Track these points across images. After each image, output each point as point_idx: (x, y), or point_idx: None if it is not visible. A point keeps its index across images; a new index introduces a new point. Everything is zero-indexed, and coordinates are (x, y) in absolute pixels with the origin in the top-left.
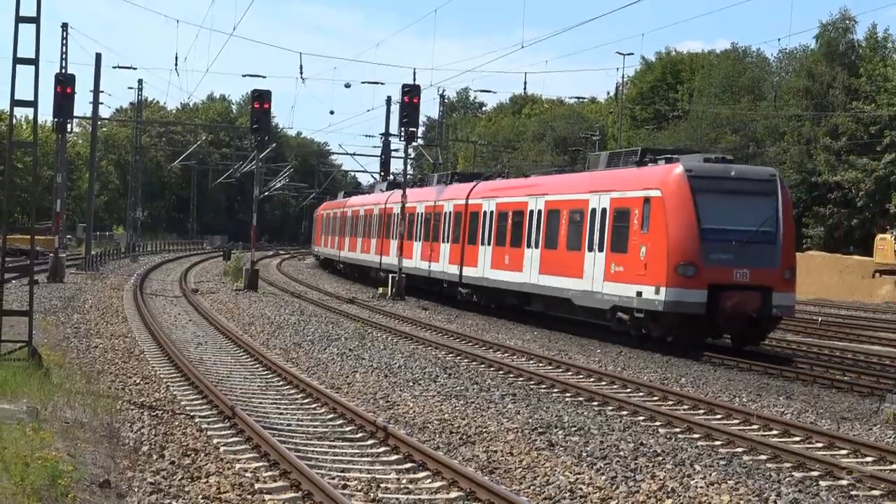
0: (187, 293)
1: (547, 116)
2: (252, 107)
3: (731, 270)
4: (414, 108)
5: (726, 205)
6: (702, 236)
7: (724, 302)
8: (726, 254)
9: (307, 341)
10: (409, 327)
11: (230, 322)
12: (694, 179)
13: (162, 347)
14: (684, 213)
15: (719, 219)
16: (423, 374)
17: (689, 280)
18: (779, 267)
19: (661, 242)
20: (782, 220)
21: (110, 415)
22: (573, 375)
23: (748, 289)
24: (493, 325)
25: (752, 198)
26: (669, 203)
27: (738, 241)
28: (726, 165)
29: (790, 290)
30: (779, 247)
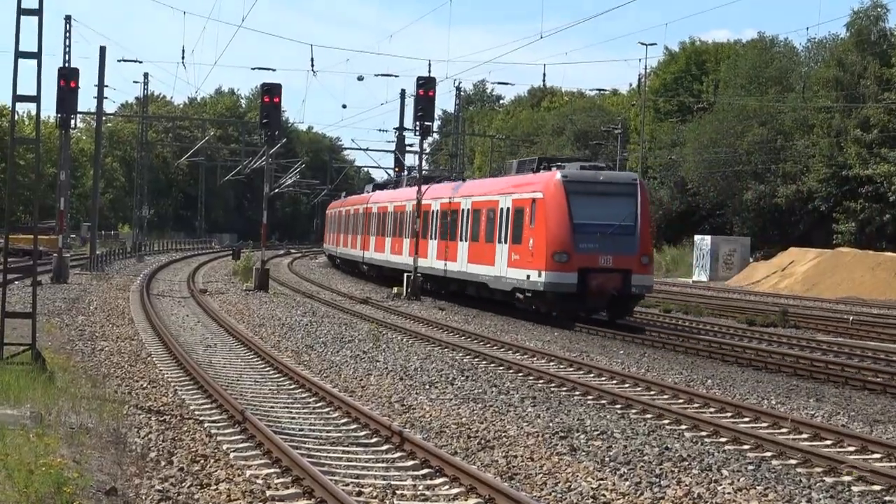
0: (195, 294)
1: (567, 109)
2: (262, 101)
3: (598, 257)
4: (429, 102)
5: (594, 204)
6: (573, 229)
7: (591, 282)
8: (593, 243)
9: (320, 343)
10: (424, 328)
11: (240, 324)
12: (568, 184)
13: (169, 350)
14: (560, 211)
15: (588, 215)
16: (440, 377)
17: (563, 265)
18: (637, 254)
19: (542, 235)
20: (640, 216)
21: (117, 420)
22: (595, 377)
23: (611, 271)
24: (511, 325)
25: (615, 198)
26: (549, 203)
27: (603, 233)
28: (596, 172)
29: (648, 273)
30: (637, 237)
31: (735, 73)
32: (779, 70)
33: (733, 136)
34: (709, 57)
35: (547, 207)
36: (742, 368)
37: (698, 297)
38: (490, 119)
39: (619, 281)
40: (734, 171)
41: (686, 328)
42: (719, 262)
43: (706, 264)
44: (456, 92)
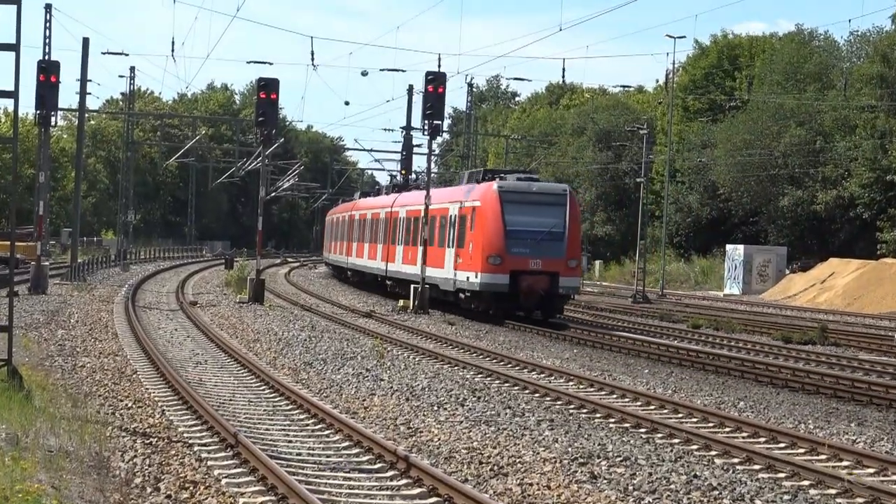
0: (185, 306)
1: (588, 107)
2: (257, 97)
3: (528, 260)
4: (439, 99)
5: (526, 212)
6: (506, 235)
7: (522, 283)
8: (524, 248)
9: (319, 360)
10: (433, 344)
11: (233, 339)
12: (504, 193)
13: (157, 367)
14: (495, 219)
15: (520, 222)
16: (449, 397)
17: (496, 267)
18: (564, 258)
19: (479, 240)
20: (569, 224)
21: (99, 443)
22: (618, 399)
23: (540, 274)
24: (527, 342)
25: (546, 207)
26: (485, 211)
27: (534, 239)
28: (530, 183)
29: (574, 275)
30: (565, 243)
31: (771, 69)
32: (818, 66)
33: (769, 137)
34: (742, 51)
35: (484, 215)
36: (777, 389)
37: (730, 312)
38: (504, 118)
39: (547, 282)
40: (769, 176)
41: (712, 342)
42: (753, 273)
43: (738, 276)
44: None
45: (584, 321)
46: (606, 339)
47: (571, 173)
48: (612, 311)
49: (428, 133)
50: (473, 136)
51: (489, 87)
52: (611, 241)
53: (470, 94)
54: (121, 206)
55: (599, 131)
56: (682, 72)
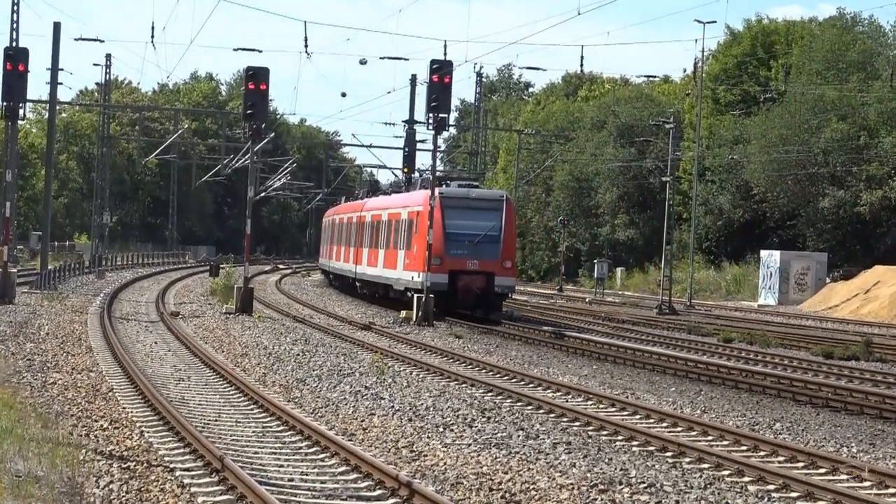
0: (166, 317)
1: (608, 100)
2: (245, 88)
3: (466, 261)
4: (445, 90)
5: (465, 216)
6: (446, 238)
7: (460, 283)
8: (462, 250)
9: (313, 377)
10: (438, 360)
11: (218, 353)
12: (444, 199)
13: (135, 384)
14: (435, 223)
15: (459, 225)
16: (457, 418)
17: (437, 268)
18: (500, 259)
19: (422, 242)
20: (505, 227)
21: (72, 467)
22: (641, 419)
23: (477, 273)
24: (541, 357)
25: (484, 212)
26: (427, 215)
27: (471, 241)
28: (469, 189)
29: (510, 275)
30: (500, 245)
31: (810, 57)
32: (862, 54)
33: (807, 132)
34: (778, 38)
35: (426, 219)
36: (817, 410)
37: (765, 325)
38: (517, 111)
39: (483, 282)
40: (808, 175)
41: (745, 357)
42: (790, 282)
43: (774, 285)
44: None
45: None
46: (629, 354)
47: (590, 171)
48: (635, 323)
49: (433, 127)
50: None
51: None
52: (634, 246)
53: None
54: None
55: (621, 126)
56: (713, 60)
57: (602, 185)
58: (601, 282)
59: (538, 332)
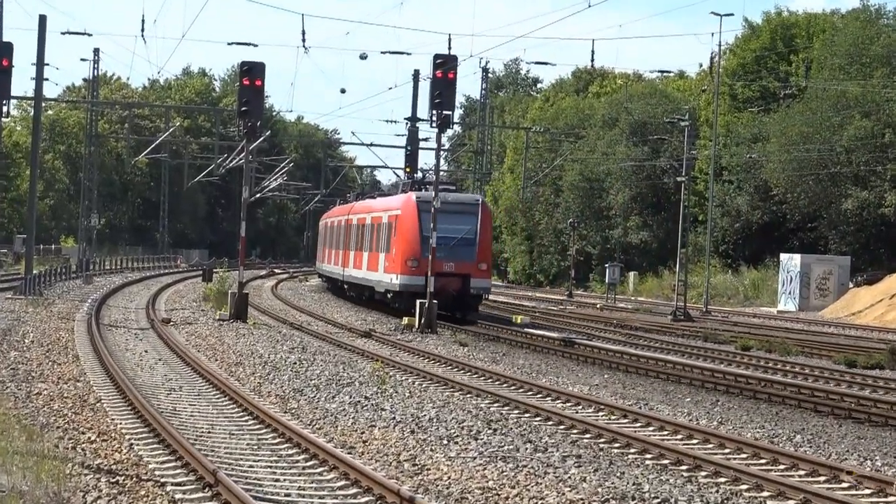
0: (156, 324)
1: (621, 96)
2: (240, 84)
3: (442, 263)
4: (449, 86)
5: (441, 220)
6: (423, 241)
7: (437, 284)
8: (439, 252)
9: (311, 387)
10: (442, 369)
11: (212, 362)
12: (420, 203)
13: (124, 395)
14: (413, 226)
15: None
16: (461, 430)
17: (414, 270)
18: (475, 261)
19: (400, 245)
20: (480, 230)
21: (58, 481)
22: (655, 431)
23: (453, 275)
24: (550, 366)
25: (459, 215)
26: (405, 219)
27: (447, 244)
28: (446, 193)
29: (485, 277)
30: (476, 248)
31: (832, 52)
32: (887, 47)
33: (829, 129)
34: (799, 31)
35: (404, 223)
36: (839, 421)
37: (784, 332)
38: (525, 107)
39: (459, 283)
40: (830, 174)
41: (764, 366)
42: (811, 287)
43: (795, 290)
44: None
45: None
46: (642, 362)
47: (602, 171)
48: (649, 330)
49: (436, 125)
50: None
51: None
52: (647, 249)
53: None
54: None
55: (634, 123)
56: (730, 54)
57: (614, 186)
58: (613, 287)
59: (547, 339)
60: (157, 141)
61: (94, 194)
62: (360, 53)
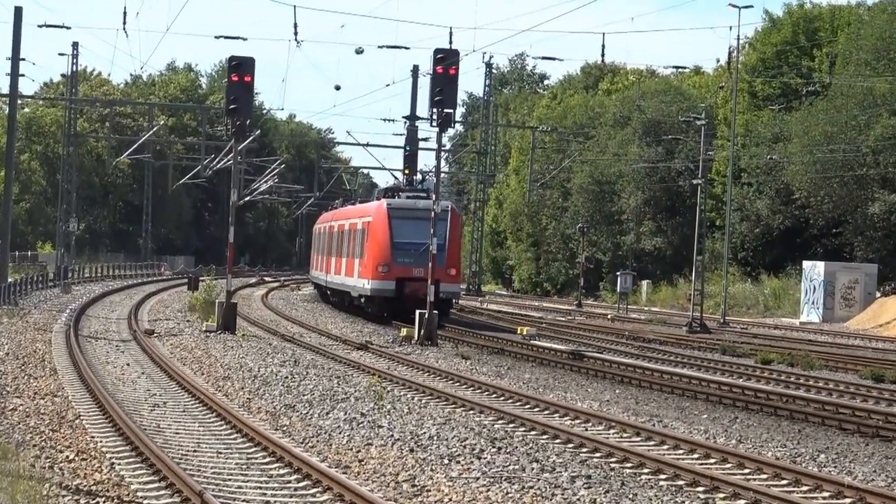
0: (139, 336)
1: (633, 93)
2: (228, 80)
3: (412, 268)
4: (450, 82)
5: (411, 226)
6: (393, 247)
7: (406, 289)
8: (409, 258)
9: (303, 402)
10: (443, 383)
11: (198, 376)
12: (392, 210)
13: (104, 410)
14: (383, 232)
15: (406, 235)
16: (464, 449)
17: (384, 275)
18: (445, 266)
19: (371, 251)
20: (450, 237)
21: (34, 503)
22: (670, 450)
23: (423, 280)
24: (558, 380)
25: (429, 222)
26: (376, 226)
27: (417, 250)
28: (416, 200)
29: (454, 282)
30: (445, 253)
31: (857, 46)
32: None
33: (855, 129)
34: (822, 24)
35: (375, 229)
36: (866, 439)
37: (808, 344)
38: (531, 105)
39: None
40: (856, 177)
41: (786, 381)
42: (836, 297)
43: (818, 300)
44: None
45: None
46: (656, 376)
47: (613, 173)
48: (663, 342)
49: (437, 124)
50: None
51: (512, 67)
52: (661, 256)
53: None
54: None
55: (647, 122)
56: (749, 49)
57: (626, 189)
58: (624, 296)
59: (554, 352)
60: (139, 141)
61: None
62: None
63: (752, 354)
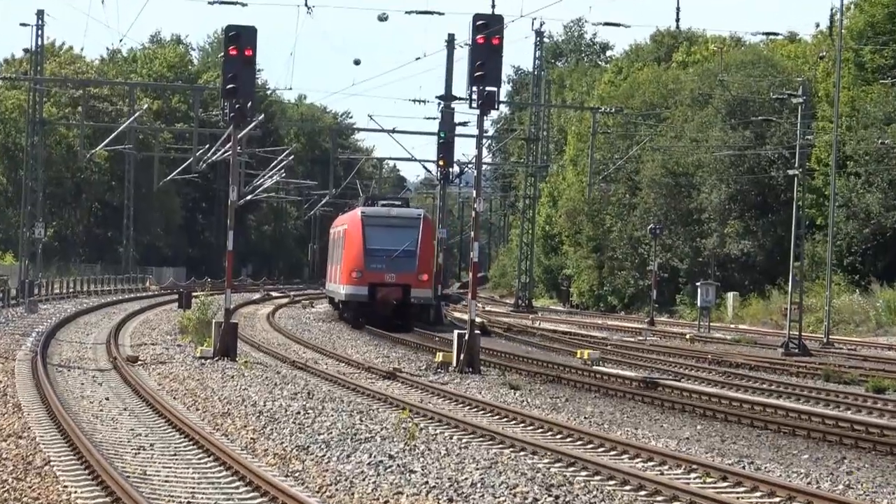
0: (120, 364)
1: (714, 66)
2: (225, 54)
3: (384, 274)
4: (493, 54)
5: (384, 233)
6: (366, 253)
7: (378, 294)
8: (381, 264)
9: (319, 443)
10: (487, 419)
11: (191, 412)
12: (366, 217)
13: (79, 455)
14: (357, 239)
15: (378, 242)
16: (513, 498)
17: (357, 281)
18: (415, 272)
19: (347, 257)
20: (421, 243)
21: None
22: (764, 497)
23: (394, 286)
24: (626, 414)
25: (402, 229)
26: (351, 233)
27: (389, 256)
28: (390, 208)
29: (425, 287)
30: (416, 259)
31: None
32: None
33: None
34: None
35: (350, 236)
36: None
37: None
38: (591, 81)
39: (400, 293)
40: None
41: None
42: None
43: None
44: (536, 39)
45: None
46: (745, 409)
47: (690, 163)
48: (754, 367)
49: (477, 105)
50: (545, 110)
51: (567, 36)
52: (750, 263)
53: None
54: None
55: (732, 101)
56: (856, 11)
57: (707, 182)
58: (706, 312)
59: (622, 380)
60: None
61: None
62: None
63: (863, 381)
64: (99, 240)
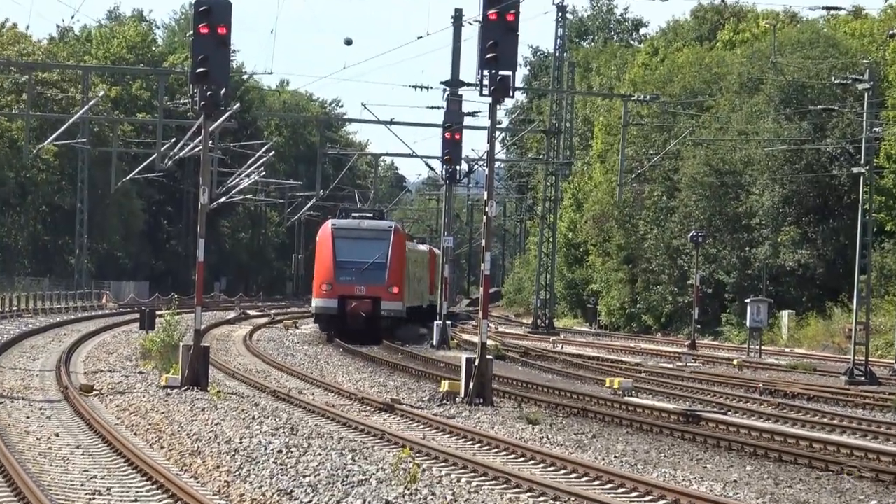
0: (72, 394)
1: (765, 46)
2: (194, 33)
3: (354, 287)
4: (508, 33)
5: (354, 246)
6: (336, 266)
7: (348, 307)
8: (351, 276)
9: (304, 487)
10: (500, 459)
11: (155, 450)
12: (336, 230)
13: (23, 500)
14: (327, 252)
15: (348, 254)
16: None
17: (327, 293)
18: (385, 284)
19: (318, 270)
20: (391, 255)
21: None
22: None
23: (364, 298)
24: (665, 452)
25: (372, 241)
26: (322, 245)
27: (359, 268)
28: (361, 221)
29: (396, 300)
30: (387, 271)
31: None
32: None
33: None
34: None
35: (320, 249)
36: None
37: None
38: (621, 65)
39: (370, 305)
40: None
41: None
42: None
43: None
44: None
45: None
46: (802, 447)
47: (738, 160)
48: (812, 398)
49: (489, 92)
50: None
51: (595, 11)
52: (808, 276)
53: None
54: None
55: (786, 87)
56: None
57: (757, 181)
58: (757, 333)
59: (659, 413)
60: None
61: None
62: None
63: None
64: (47, 249)
